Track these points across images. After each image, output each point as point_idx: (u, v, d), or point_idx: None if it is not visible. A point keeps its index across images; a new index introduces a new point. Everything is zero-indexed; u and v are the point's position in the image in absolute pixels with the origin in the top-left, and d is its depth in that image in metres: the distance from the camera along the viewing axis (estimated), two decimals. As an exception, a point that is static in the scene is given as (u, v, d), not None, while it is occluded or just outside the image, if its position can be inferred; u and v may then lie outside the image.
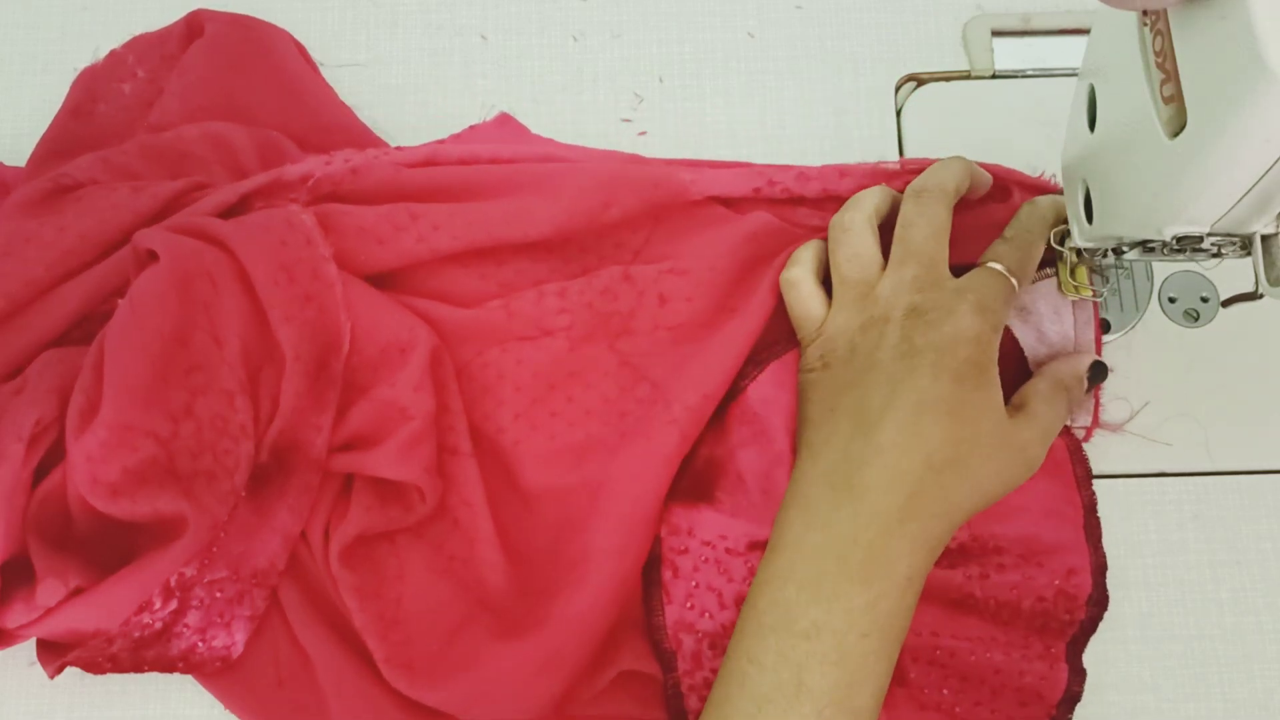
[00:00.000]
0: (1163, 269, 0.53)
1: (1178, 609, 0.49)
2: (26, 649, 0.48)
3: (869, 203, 0.48)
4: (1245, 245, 0.40)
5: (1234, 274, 0.52)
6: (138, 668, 0.47)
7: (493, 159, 0.53)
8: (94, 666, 0.47)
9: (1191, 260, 0.42)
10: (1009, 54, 0.57)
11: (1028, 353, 0.50)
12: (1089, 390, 0.48)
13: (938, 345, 0.43)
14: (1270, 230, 0.39)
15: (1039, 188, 0.52)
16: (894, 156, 0.56)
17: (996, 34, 0.58)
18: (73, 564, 0.45)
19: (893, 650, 0.42)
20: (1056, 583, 0.48)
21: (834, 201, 0.51)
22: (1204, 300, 0.53)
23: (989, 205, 0.51)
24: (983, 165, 0.51)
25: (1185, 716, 0.48)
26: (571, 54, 0.58)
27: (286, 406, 0.47)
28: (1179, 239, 0.40)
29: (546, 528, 0.49)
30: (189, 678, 0.48)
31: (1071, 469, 0.49)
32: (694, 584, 0.47)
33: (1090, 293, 0.50)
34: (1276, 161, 0.34)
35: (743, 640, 0.43)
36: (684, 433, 0.48)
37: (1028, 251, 0.47)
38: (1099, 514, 0.49)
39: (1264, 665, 0.49)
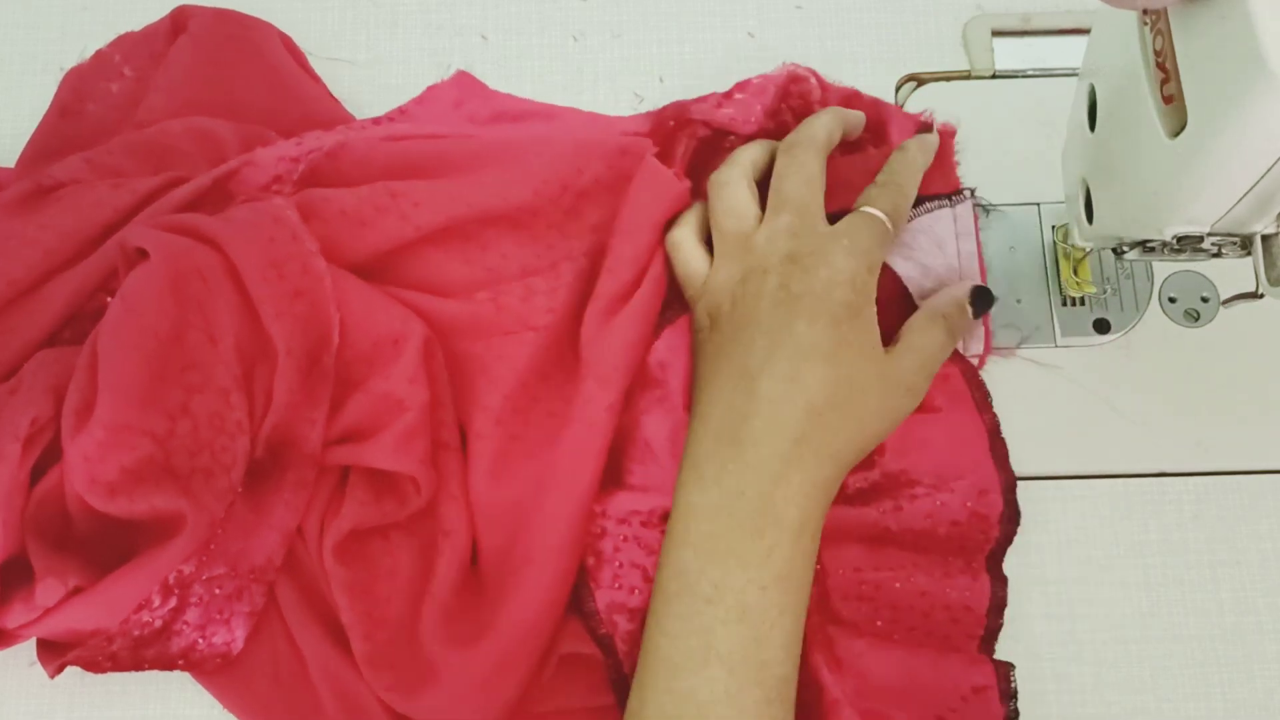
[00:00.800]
0: (1163, 269, 0.53)
1: (1178, 609, 0.49)
2: (27, 649, 0.48)
3: (745, 158, 0.49)
4: (1245, 245, 0.40)
5: (1234, 274, 0.52)
6: (138, 666, 0.47)
7: (463, 136, 0.53)
8: (94, 666, 0.47)
9: (1192, 260, 0.42)
10: (1009, 54, 0.57)
11: (912, 289, 0.50)
12: (976, 316, 0.48)
13: (813, 291, 0.44)
14: (1270, 230, 0.39)
15: (913, 125, 0.53)
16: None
17: (996, 34, 0.58)
18: (72, 563, 0.45)
19: (797, 599, 0.42)
20: (969, 505, 0.49)
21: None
22: (1204, 300, 0.53)
23: (866, 152, 0.52)
24: (856, 103, 0.52)
25: (1185, 716, 0.48)
26: (571, 54, 0.58)
27: (280, 401, 0.47)
28: (1179, 239, 0.40)
29: (500, 528, 0.49)
30: (189, 678, 0.48)
31: (970, 395, 0.50)
32: (618, 564, 0.48)
33: (1092, 289, 0.50)
34: (1277, 161, 0.34)
35: (653, 612, 0.43)
36: (613, 415, 0.48)
37: (900, 192, 0.48)
38: (1004, 436, 0.50)
39: (1264, 665, 0.49)
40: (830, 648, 0.46)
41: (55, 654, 0.47)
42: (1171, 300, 0.53)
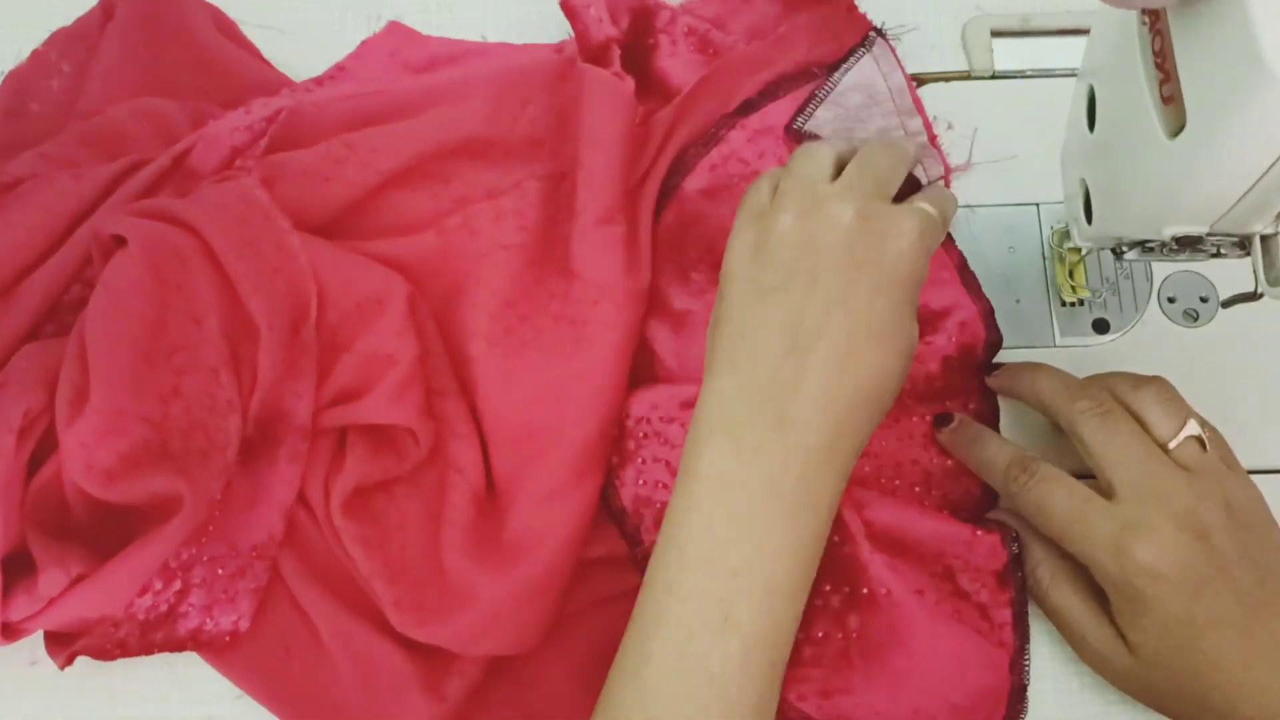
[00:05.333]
0: (1162, 269, 0.53)
1: (1177, 609, 0.49)
2: (27, 647, 0.48)
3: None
4: (1245, 245, 0.40)
5: (1234, 274, 0.52)
6: (147, 650, 0.47)
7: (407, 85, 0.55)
8: (103, 653, 0.47)
9: (1191, 260, 0.42)
10: (1009, 54, 0.58)
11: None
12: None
13: (879, 262, 0.42)
14: (1270, 230, 0.39)
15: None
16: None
17: (996, 34, 0.58)
18: (73, 552, 0.45)
19: (811, 575, 0.42)
20: (954, 339, 0.51)
21: None
22: (1204, 300, 0.53)
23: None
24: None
25: (1184, 716, 0.48)
26: (572, 53, 0.58)
27: (265, 377, 0.48)
28: (1178, 239, 0.40)
29: (511, 451, 0.49)
30: (190, 676, 0.49)
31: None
32: (641, 460, 0.49)
33: (1087, 294, 0.50)
34: (1276, 161, 0.34)
35: (664, 571, 0.42)
36: (628, 324, 0.50)
37: (948, 202, 0.46)
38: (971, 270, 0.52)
39: (1263, 665, 0.48)
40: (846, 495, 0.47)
41: (63, 645, 0.47)
42: (1171, 300, 0.53)
